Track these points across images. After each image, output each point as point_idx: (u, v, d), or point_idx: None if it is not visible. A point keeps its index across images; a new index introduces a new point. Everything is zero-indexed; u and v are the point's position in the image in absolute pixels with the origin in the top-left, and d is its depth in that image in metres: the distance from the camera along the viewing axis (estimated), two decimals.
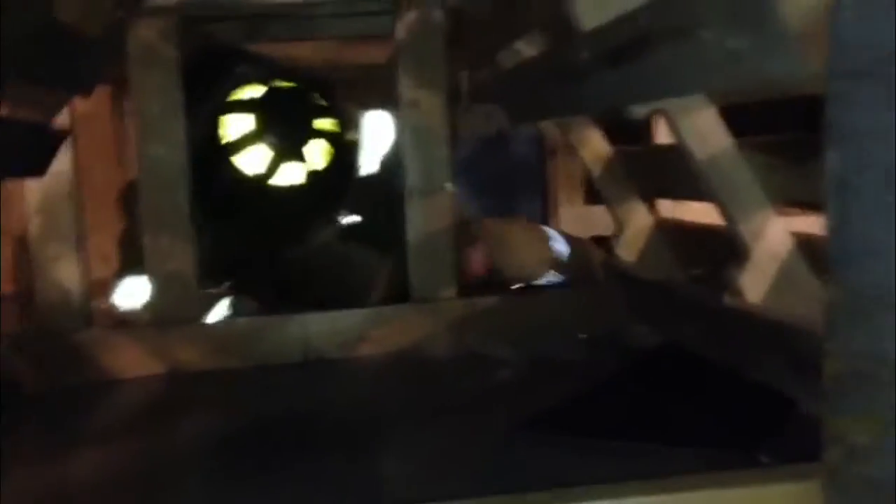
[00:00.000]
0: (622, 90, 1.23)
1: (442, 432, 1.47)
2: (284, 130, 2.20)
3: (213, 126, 2.15)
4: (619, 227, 2.17)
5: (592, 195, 2.61)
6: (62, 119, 1.89)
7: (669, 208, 2.22)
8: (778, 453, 1.17)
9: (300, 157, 2.22)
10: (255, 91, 2.18)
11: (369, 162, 2.46)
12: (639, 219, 2.12)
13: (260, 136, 2.17)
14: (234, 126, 2.17)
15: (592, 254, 2.27)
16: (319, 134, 2.26)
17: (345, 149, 2.32)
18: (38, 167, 1.86)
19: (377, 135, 2.46)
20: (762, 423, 1.33)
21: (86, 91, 1.90)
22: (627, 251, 2.14)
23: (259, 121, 2.16)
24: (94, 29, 1.74)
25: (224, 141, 2.16)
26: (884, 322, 0.74)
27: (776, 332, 1.42)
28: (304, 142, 2.23)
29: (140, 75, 1.93)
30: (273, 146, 2.18)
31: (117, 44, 1.90)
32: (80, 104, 1.96)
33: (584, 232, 2.48)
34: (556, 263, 2.20)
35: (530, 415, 1.45)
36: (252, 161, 2.18)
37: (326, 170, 2.26)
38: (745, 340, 1.53)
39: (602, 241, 2.36)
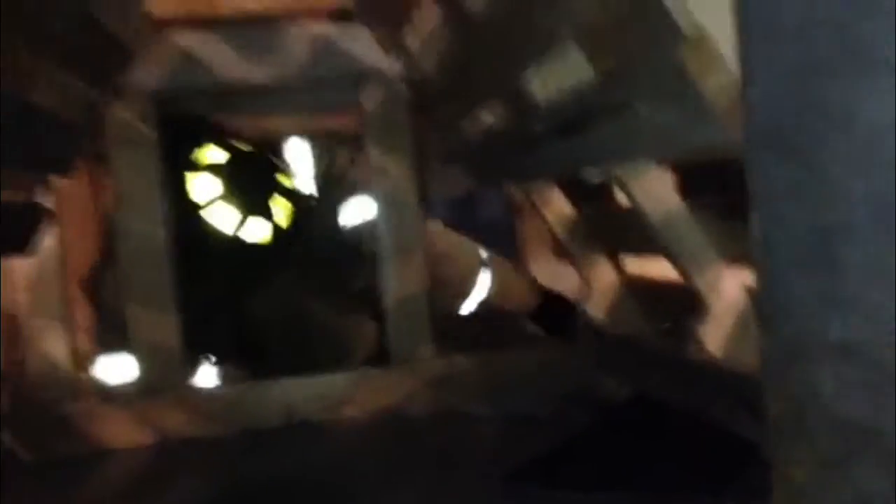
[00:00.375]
0: (572, 157, 1.32)
1: (422, 489, 1.52)
2: (250, 190, 2.31)
3: (182, 187, 2.26)
4: (587, 283, 2.24)
5: (561, 251, 2.69)
6: (46, 198, 1.97)
7: (636, 264, 2.30)
8: (741, 498, 1.23)
9: (267, 215, 2.33)
10: (218, 154, 2.30)
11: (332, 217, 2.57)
12: (605, 275, 2.19)
13: (228, 196, 2.27)
14: (202, 188, 2.27)
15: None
16: (281, 191, 2.37)
17: (304, 205, 2.43)
18: (21, 244, 1.92)
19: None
20: (726, 469, 1.40)
21: (64, 171, 1.97)
22: (596, 307, 2.21)
23: (226, 183, 2.27)
24: (72, 112, 1.82)
25: (195, 201, 2.27)
26: (813, 366, 0.81)
27: (735, 380, 1.49)
28: (268, 199, 2.34)
29: (118, 154, 2.00)
30: (240, 205, 2.28)
31: (95, 125, 1.97)
32: (61, 183, 2.04)
33: (555, 287, 2.55)
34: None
35: (507, 469, 1.51)
36: (221, 219, 2.27)
37: (289, 226, 2.37)
38: (708, 389, 1.59)
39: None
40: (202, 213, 2.27)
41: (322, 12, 2.11)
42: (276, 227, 2.36)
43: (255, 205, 2.33)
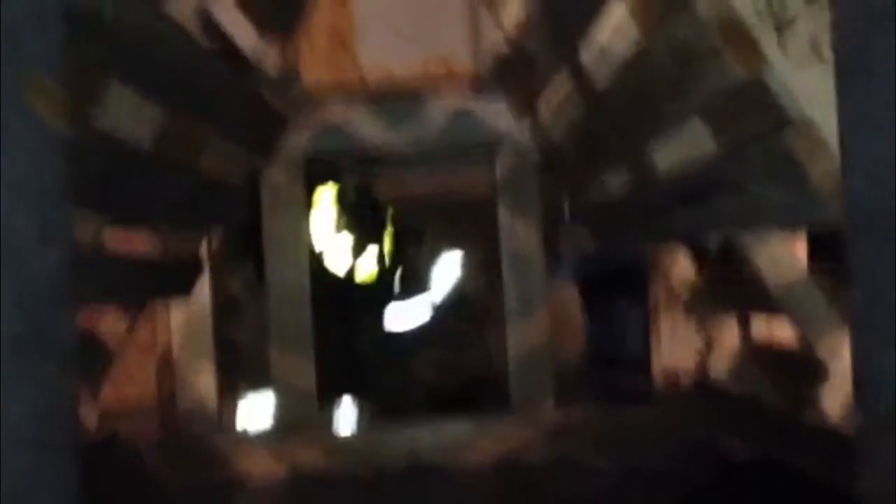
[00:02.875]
0: (692, 225, 1.39)
1: None
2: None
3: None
4: (710, 343, 2.27)
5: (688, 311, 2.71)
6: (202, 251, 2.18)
7: (760, 327, 2.31)
8: None
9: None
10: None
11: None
12: (728, 337, 2.22)
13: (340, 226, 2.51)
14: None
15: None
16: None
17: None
18: (183, 289, 2.13)
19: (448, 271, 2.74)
20: None
21: (228, 226, 2.18)
22: (718, 367, 2.24)
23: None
24: (233, 176, 2.02)
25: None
26: None
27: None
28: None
29: (272, 212, 2.20)
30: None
31: (252, 187, 2.18)
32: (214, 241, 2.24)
33: (686, 345, 2.57)
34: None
35: None
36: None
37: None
38: (826, 453, 1.61)
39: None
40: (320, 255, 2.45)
41: (462, 79, 2.26)
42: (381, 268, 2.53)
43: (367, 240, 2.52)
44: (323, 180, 2.48)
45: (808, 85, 0.98)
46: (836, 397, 1.66)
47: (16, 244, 0.72)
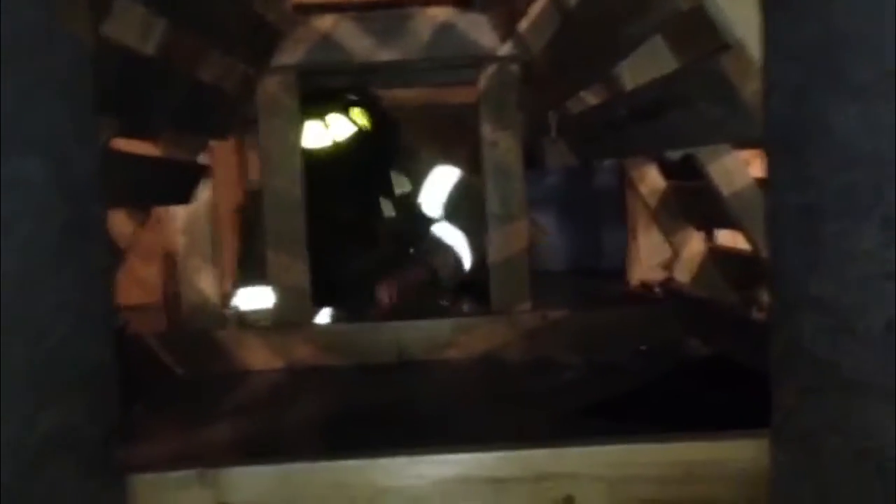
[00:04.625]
0: (648, 140, 1.54)
1: (506, 418, 1.78)
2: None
3: None
4: (675, 252, 2.44)
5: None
6: (203, 157, 2.31)
7: (726, 235, 2.48)
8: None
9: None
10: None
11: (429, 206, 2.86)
12: (692, 245, 2.39)
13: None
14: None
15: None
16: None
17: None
18: (185, 196, 2.28)
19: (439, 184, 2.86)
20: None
21: (223, 135, 2.31)
22: (682, 273, 2.41)
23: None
24: (230, 85, 2.15)
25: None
26: (802, 319, 1.02)
27: None
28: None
29: (266, 121, 2.33)
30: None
31: (247, 95, 2.30)
32: (215, 145, 2.38)
33: (661, 258, 2.74)
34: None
35: (581, 407, 1.75)
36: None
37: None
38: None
39: None
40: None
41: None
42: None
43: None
44: (316, 101, 2.57)
45: (740, 12, 1.12)
46: None
47: (60, 146, 0.86)
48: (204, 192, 2.34)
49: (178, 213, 2.35)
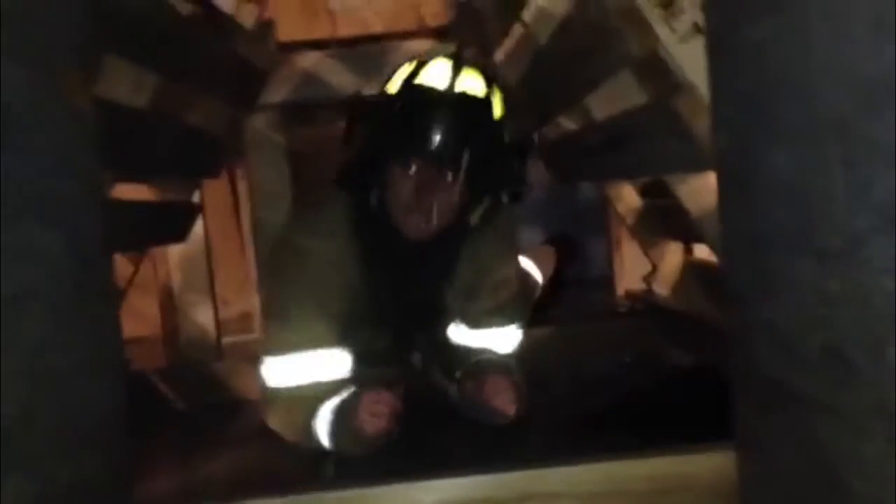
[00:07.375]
0: (617, 166, 1.63)
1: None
2: None
3: None
4: (654, 265, 2.53)
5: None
6: (196, 195, 2.40)
7: (703, 248, 2.57)
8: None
9: None
10: None
11: None
12: (670, 259, 2.48)
13: None
14: None
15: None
16: None
17: None
18: (180, 234, 2.36)
19: None
20: None
21: (214, 174, 2.40)
22: (661, 286, 2.50)
23: None
24: (219, 126, 2.24)
25: None
26: (755, 340, 1.10)
27: None
28: None
29: (255, 157, 2.42)
30: None
31: (236, 134, 2.39)
32: (207, 183, 2.46)
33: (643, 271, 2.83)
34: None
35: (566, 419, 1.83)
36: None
37: None
38: None
39: None
40: None
41: (430, 29, 2.46)
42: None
43: None
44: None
45: (690, 55, 1.21)
46: None
47: (73, 213, 0.94)
48: (198, 229, 2.42)
49: (174, 250, 2.43)
